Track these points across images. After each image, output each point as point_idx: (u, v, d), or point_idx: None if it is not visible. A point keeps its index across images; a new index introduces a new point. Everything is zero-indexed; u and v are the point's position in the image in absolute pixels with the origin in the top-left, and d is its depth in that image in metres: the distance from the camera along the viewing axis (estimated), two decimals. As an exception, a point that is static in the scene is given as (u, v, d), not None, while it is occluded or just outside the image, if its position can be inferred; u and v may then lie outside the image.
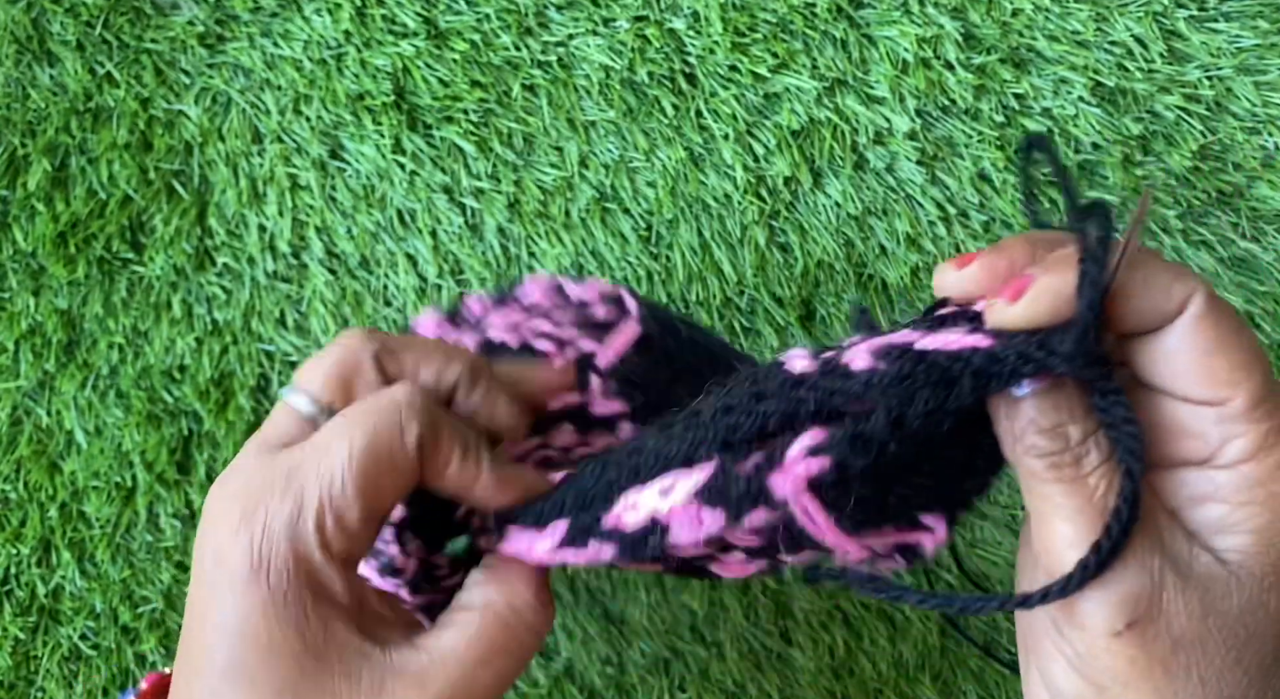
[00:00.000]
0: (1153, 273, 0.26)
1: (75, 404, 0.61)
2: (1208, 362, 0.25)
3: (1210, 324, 0.25)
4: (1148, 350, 0.26)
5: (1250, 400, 0.24)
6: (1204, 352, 0.25)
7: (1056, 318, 0.25)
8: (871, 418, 0.26)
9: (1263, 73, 0.61)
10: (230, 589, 0.27)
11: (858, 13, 0.62)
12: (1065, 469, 0.25)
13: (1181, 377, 0.25)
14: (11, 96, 0.63)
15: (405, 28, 0.63)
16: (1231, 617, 0.24)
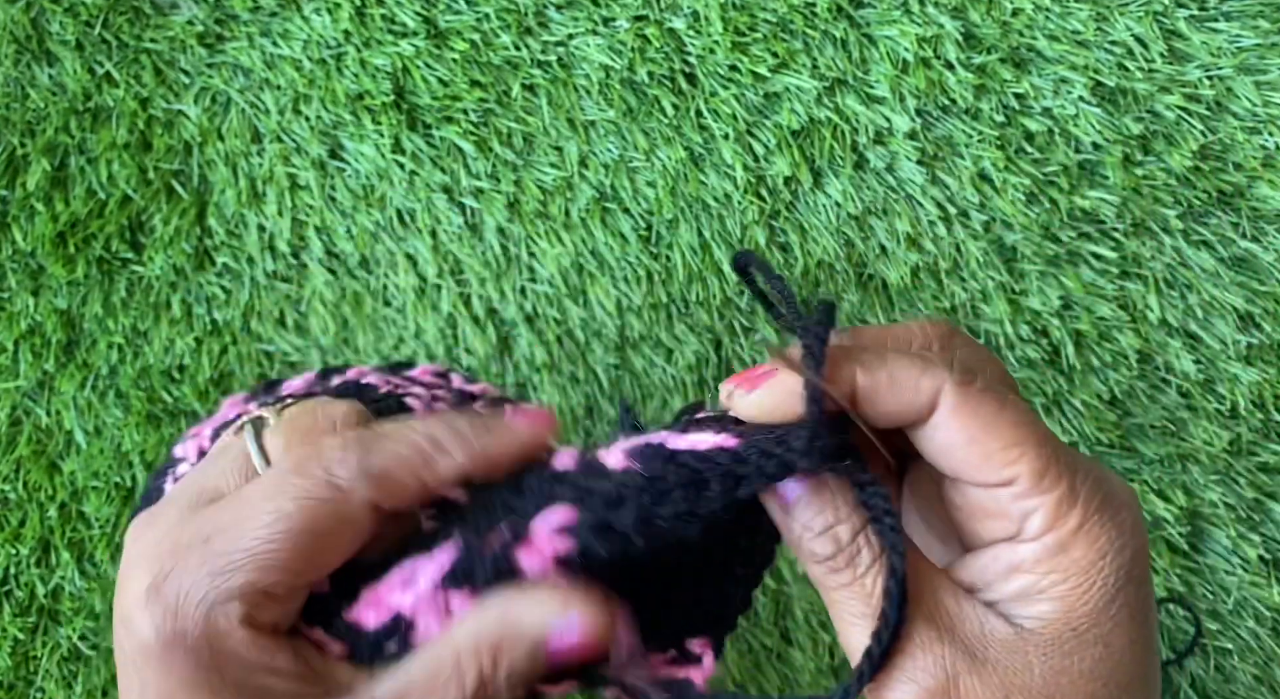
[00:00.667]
0: (898, 370, 0.26)
1: (75, 404, 0.61)
2: (977, 449, 0.25)
3: (965, 414, 0.25)
4: (924, 442, 0.26)
5: (1032, 476, 0.24)
6: (969, 441, 0.25)
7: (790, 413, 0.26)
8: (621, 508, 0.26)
9: (1263, 72, 0.61)
10: (146, 663, 0.24)
11: (858, 12, 0.62)
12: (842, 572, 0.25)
13: (960, 465, 0.26)
14: (11, 96, 0.63)
15: (405, 27, 0.63)
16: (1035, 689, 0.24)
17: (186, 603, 0.24)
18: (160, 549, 0.25)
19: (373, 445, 0.26)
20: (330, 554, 0.26)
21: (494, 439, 0.27)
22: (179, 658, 0.24)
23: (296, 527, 0.25)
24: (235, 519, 0.25)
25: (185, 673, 0.24)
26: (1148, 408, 0.60)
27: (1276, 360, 0.60)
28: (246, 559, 0.25)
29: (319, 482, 0.25)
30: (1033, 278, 0.60)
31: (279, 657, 0.25)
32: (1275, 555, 0.59)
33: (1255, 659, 0.59)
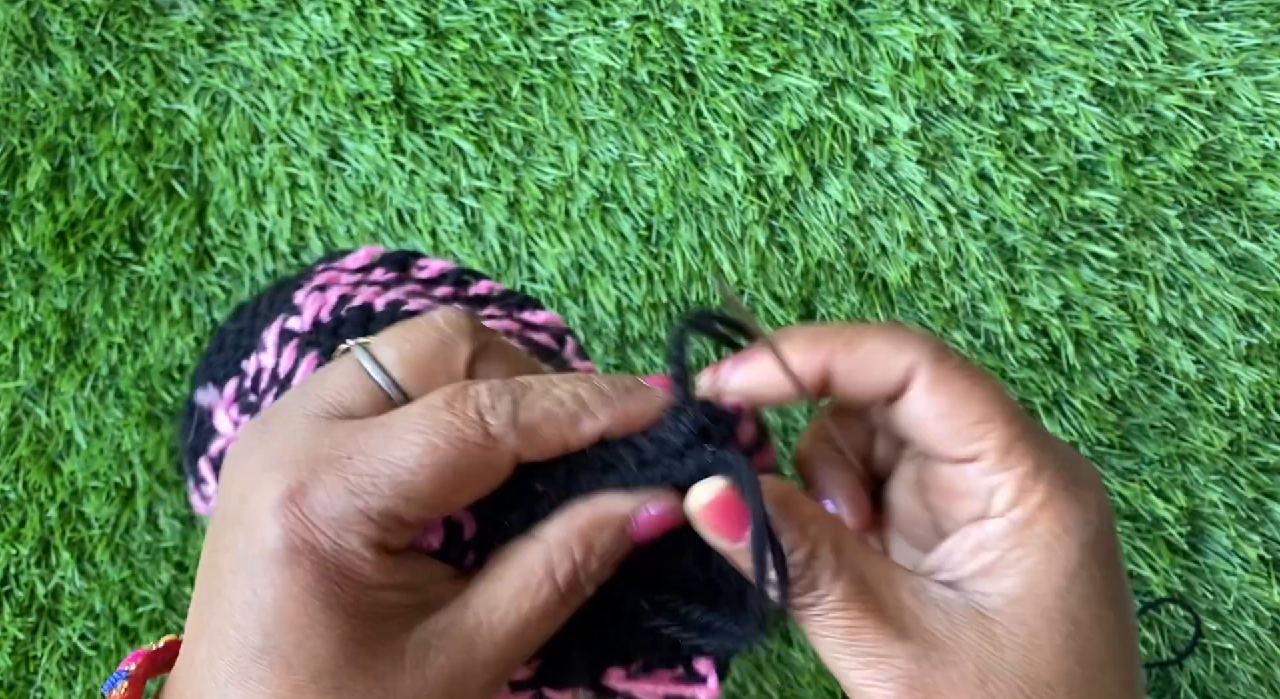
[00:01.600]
0: (872, 350, 0.27)
1: (75, 404, 0.61)
2: (947, 423, 0.26)
3: (939, 388, 0.26)
4: (898, 419, 0.27)
5: (999, 451, 0.25)
6: (940, 415, 0.26)
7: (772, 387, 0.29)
8: None
9: (1263, 72, 0.61)
10: (265, 570, 0.25)
11: (858, 12, 0.62)
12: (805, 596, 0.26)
13: (931, 440, 0.26)
14: (11, 96, 0.63)
15: (405, 27, 0.63)
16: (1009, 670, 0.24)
17: (322, 517, 0.25)
18: (296, 457, 0.25)
19: (523, 398, 0.27)
20: (466, 493, 0.27)
21: (634, 402, 0.28)
22: (305, 567, 0.24)
23: (444, 462, 0.25)
24: (382, 443, 0.25)
25: (308, 582, 0.24)
26: (1148, 408, 0.60)
27: (1276, 360, 0.60)
28: (389, 485, 0.25)
29: (472, 424, 0.26)
30: (1033, 278, 0.60)
31: (398, 574, 0.26)
32: (1275, 555, 0.59)
33: (1255, 659, 0.59)
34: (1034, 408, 0.60)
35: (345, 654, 0.25)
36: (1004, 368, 0.60)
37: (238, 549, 0.25)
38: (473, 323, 0.29)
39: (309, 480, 0.25)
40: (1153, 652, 0.59)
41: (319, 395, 0.27)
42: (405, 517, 0.25)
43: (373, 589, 0.25)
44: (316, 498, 0.25)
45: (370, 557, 0.25)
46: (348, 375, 0.27)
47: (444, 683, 0.26)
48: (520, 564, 0.27)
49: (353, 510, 0.25)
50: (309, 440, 0.26)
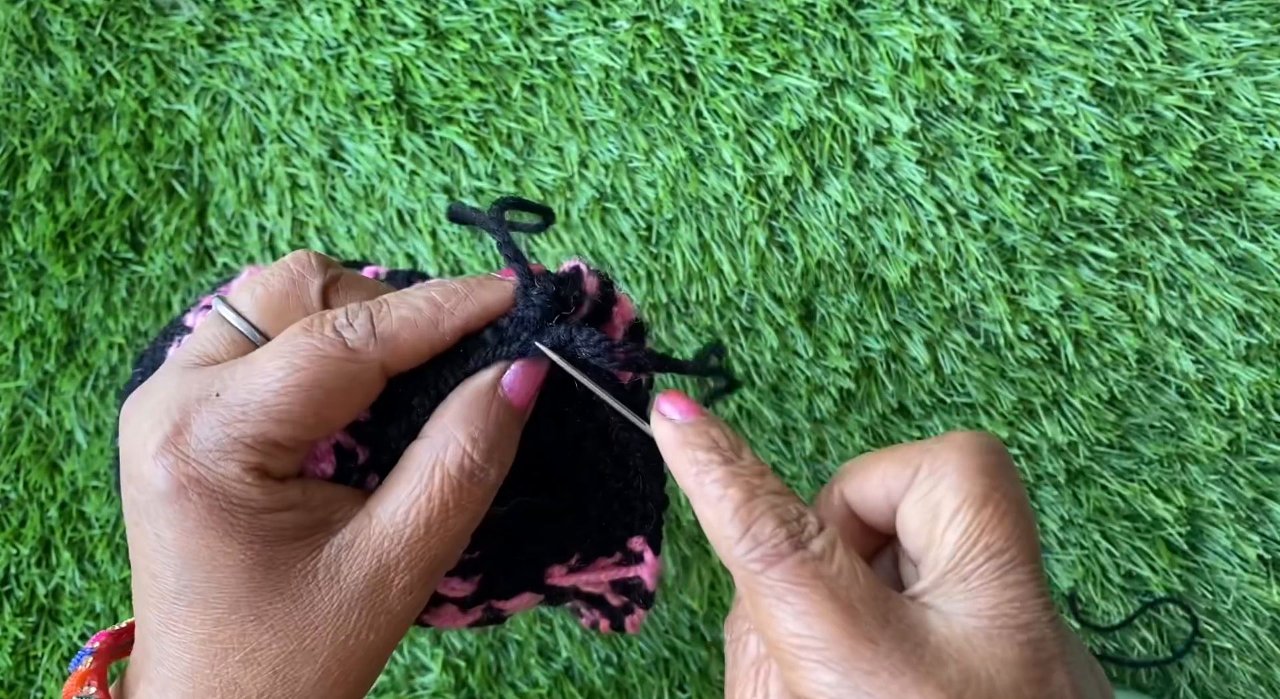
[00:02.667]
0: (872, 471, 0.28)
1: (75, 404, 0.61)
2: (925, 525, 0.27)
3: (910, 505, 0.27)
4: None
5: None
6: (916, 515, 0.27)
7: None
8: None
9: (1263, 73, 0.61)
10: (160, 511, 0.25)
11: (858, 13, 0.62)
12: None
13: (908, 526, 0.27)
14: (11, 96, 0.63)
15: (405, 28, 0.63)
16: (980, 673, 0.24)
17: (200, 451, 0.25)
18: (168, 406, 0.26)
19: (378, 311, 0.27)
20: (340, 410, 0.27)
21: (487, 291, 0.29)
22: (194, 502, 0.25)
23: (308, 381, 0.26)
24: (246, 374, 0.26)
25: (200, 515, 0.25)
26: (1147, 408, 0.60)
27: (1276, 360, 0.60)
28: (258, 411, 0.25)
29: (330, 341, 0.26)
30: (1032, 278, 0.60)
31: (288, 494, 0.26)
32: (1274, 555, 0.59)
33: (1254, 659, 0.59)
34: (1034, 408, 0.60)
35: (256, 580, 0.26)
36: (1004, 368, 0.60)
37: (135, 500, 0.26)
38: (320, 258, 0.29)
39: (181, 421, 0.26)
40: (1152, 651, 0.59)
41: (187, 350, 0.28)
42: (280, 439, 0.26)
43: (265, 513, 0.26)
44: (192, 434, 0.25)
45: (254, 481, 0.26)
46: (210, 327, 0.28)
47: (363, 592, 0.27)
48: (411, 464, 0.28)
49: (227, 440, 0.25)
50: (179, 388, 0.26)
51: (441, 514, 0.27)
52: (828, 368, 0.60)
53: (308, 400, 0.26)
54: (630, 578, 0.34)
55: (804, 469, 0.60)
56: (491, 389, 0.28)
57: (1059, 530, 0.60)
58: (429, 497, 0.27)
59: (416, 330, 0.28)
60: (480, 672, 0.59)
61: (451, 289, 0.29)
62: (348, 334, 0.27)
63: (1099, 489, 0.60)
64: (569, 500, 0.32)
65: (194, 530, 0.25)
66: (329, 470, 0.28)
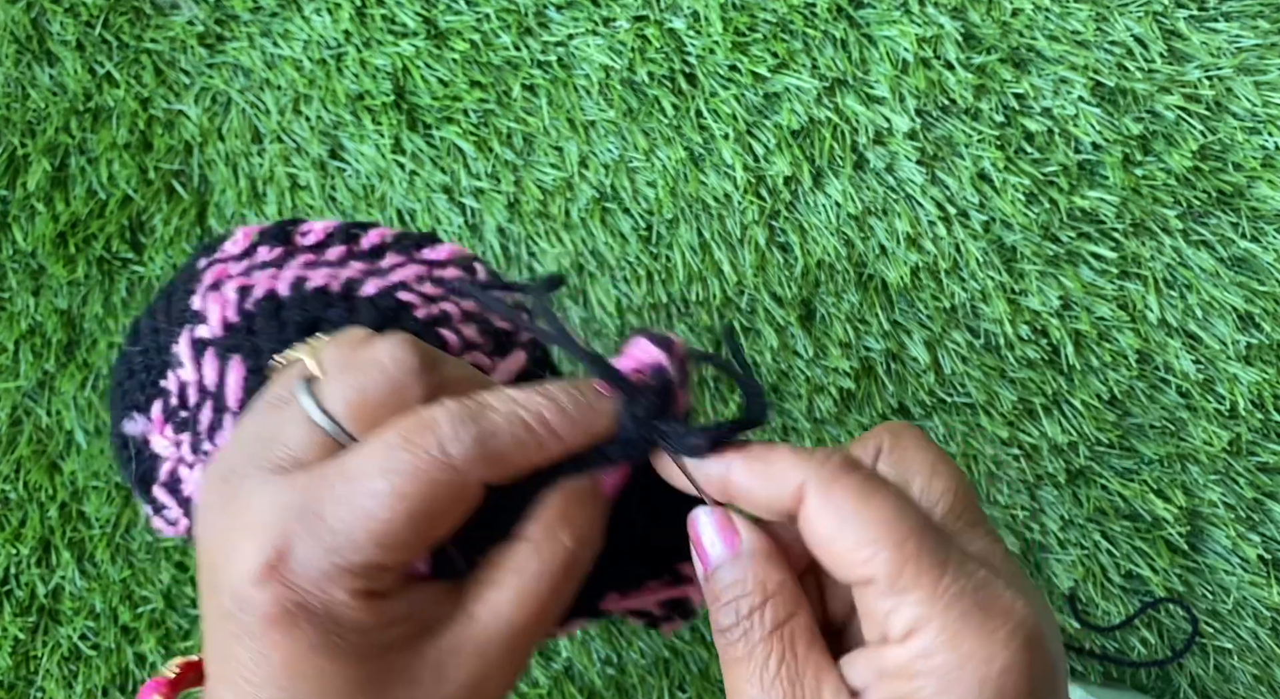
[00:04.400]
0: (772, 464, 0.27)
1: (75, 404, 0.61)
2: (832, 547, 0.25)
3: (824, 510, 0.25)
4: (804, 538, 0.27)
5: (887, 576, 0.24)
6: (825, 538, 0.25)
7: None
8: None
9: (1263, 73, 0.61)
10: (265, 635, 0.25)
11: (858, 12, 0.62)
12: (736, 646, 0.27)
13: (823, 561, 0.26)
14: (11, 96, 0.63)
15: (405, 28, 0.63)
16: None
17: (306, 579, 0.25)
18: (265, 522, 0.25)
19: (483, 421, 0.26)
20: (442, 528, 0.26)
21: (596, 418, 0.28)
22: (304, 629, 0.25)
23: (414, 506, 0.25)
24: (347, 494, 0.25)
25: (311, 640, 0.25)
26: (1147, 408, 0.60)
27: (1276, 360, 0.60)
28: (363, 537, 0.25)
29: (434, 461, 0.25)
30: (1032, 278, 0.60)
31: (395, 611, 0.26)
32: (1275, 555, 0.59)
33: (1254, 659, 0.59)
34: (1034, 408, 0.60)
35: (364, 694, 0.25)
36: (1004, 368, 0.60)
37: (235, 618, 0.25)
38: (421, 358, 0.27)
39: (284, 546, 0.25)
40: (1152, 651, 0.59)
41: (271, 452, 0.27)
42: (386, 563, 0.25)
43: (373, 631, 0.25)
44: (296, 562, 0.25)
45: (361, 605, 0.25)
46: (297, 427, 0.27)
47: (468, 689, 0.26)
48: (514, 567, 0.27)
49: (333, 568, 0.25)
50: (273, 503, 0.25)
51: (543, 614, 0.27)
52: (828, 368, 0.60)
53: (413, 523, 0.25)
54: (678, 597, 0.34)
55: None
56: (595, 491, 0.28)
57: (1059, 530, 0.60)
58: (536, 601, 0.27)
59: (524, 452, 0.27)
60: (480, 672, 0.59)
61: (562, 410, 0.27)
62: (453, 450, 0.25)
63: (1099, 489, 0.60)
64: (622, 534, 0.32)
65: (305, 654, 0.25)
66: (424, 569, 0.28)
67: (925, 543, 0.25)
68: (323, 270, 0.35)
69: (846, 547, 0.25)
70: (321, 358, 0.28)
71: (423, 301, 0.35)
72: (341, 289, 0.34)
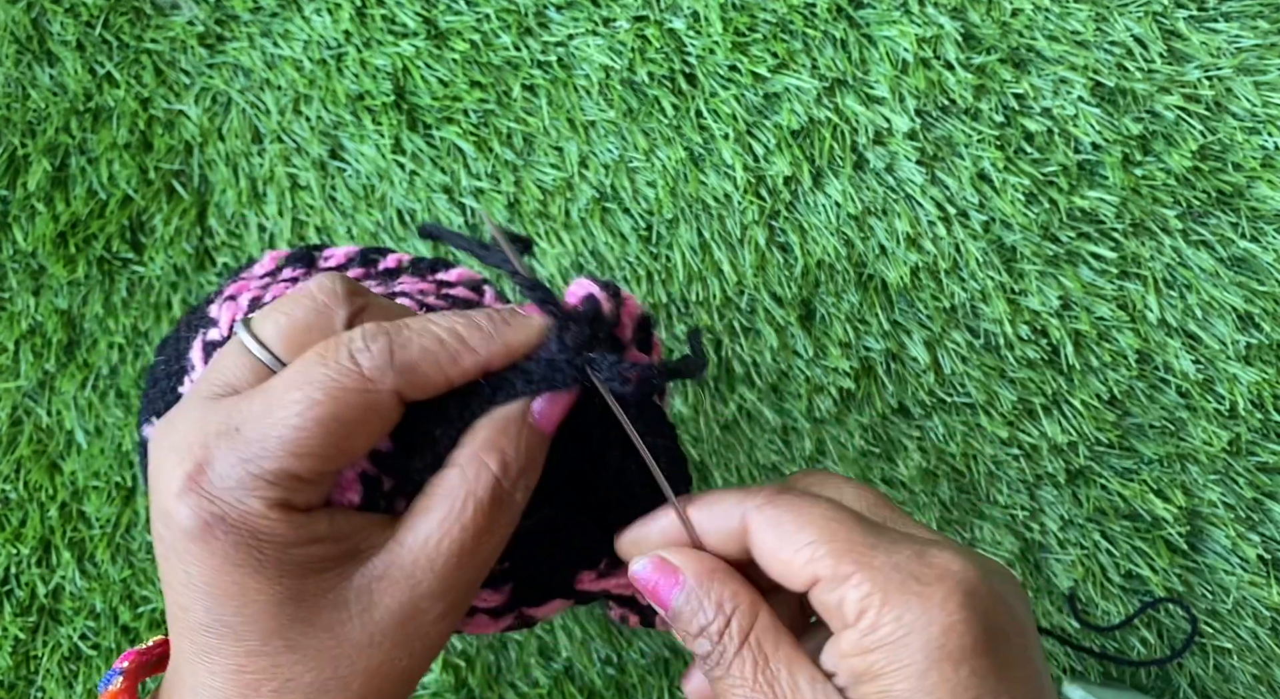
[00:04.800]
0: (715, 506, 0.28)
1: (75, 404, 0.61)
2: (778, 559, 0.27)
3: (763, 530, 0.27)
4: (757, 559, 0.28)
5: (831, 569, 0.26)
6: (771, 552, 0.27)
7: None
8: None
9: (1262, 73, 0.61)
10: (187, 549, 0.25)
11: (858, 13, 0.62)
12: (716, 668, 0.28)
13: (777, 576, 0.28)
14: (12, 96, 0.63)
15: (405, 28, 0.63)
16: None
17: (222, 489, 0.25)
18: (189, 441, 0.26)
19: (398, 338, 0.27)
20: (359, 440, 0.27)
21: (512, 331, 0.29)
22: (220, 540, 0.25)
23: (325, 414, 0.25)
24: (264, 408, 0.26)
25: (227, 553, 0.25)
26: (1147, 408, 0.60)
27: (1276, 360, 0.60)
28: (277, 446, 0.25)
29: (346, 371, 0.26)
30: (1032, 278, 0.60)
31: (315, 528, 0.26)
32: (1274, 555, 0.59)
33: (1254, 658, 0.59)
34: (1034, 408, 0.60)
35: (287, 613, 0.26)
36: (1003, 368, 0.60)
37: (162, 536, 0.26)
38: (347, 285, 0.29)
39: (203, 457, 0.26)
40: (1152, 651, 0.60)
41: (209, 380, 0.28)
42: (301, 473, 0.26)
43: (293, 547, 0.26)
44: (214, 472, 0.25)
45: (279, 516, 0.26)
46: (232, 355, 0.28)
47: (395, 622, 0.27)
48: (441, 491, 0.27)
49: (248, 476, 0.25)
50: (199, 421, 0.26)
51: (474, 541, 0.27)
52: (828, 368, 0.60)
53: (326, 433, 0.26)
54: None
55: (804, 469, 0.60)
56: (522, 417, 0.28)
57: (1059, 530, 0.60)
58: (462, 525, 0.27)
59: (436, 364, 0.27)
60: (480, 671, 0.59)
61: (476, 324, 0.28)
62: (364, 361, 0.26)
63: (1099, 489, 0.60)
64: (595, 510, 0.32)
65: (222, 567, 0.25)
66: (356, 499, 0.28)
67: (856, 531, 0.26)
68: None
69: (789, 556, 0.26)
70: None
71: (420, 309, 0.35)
72: None
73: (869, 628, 0.25)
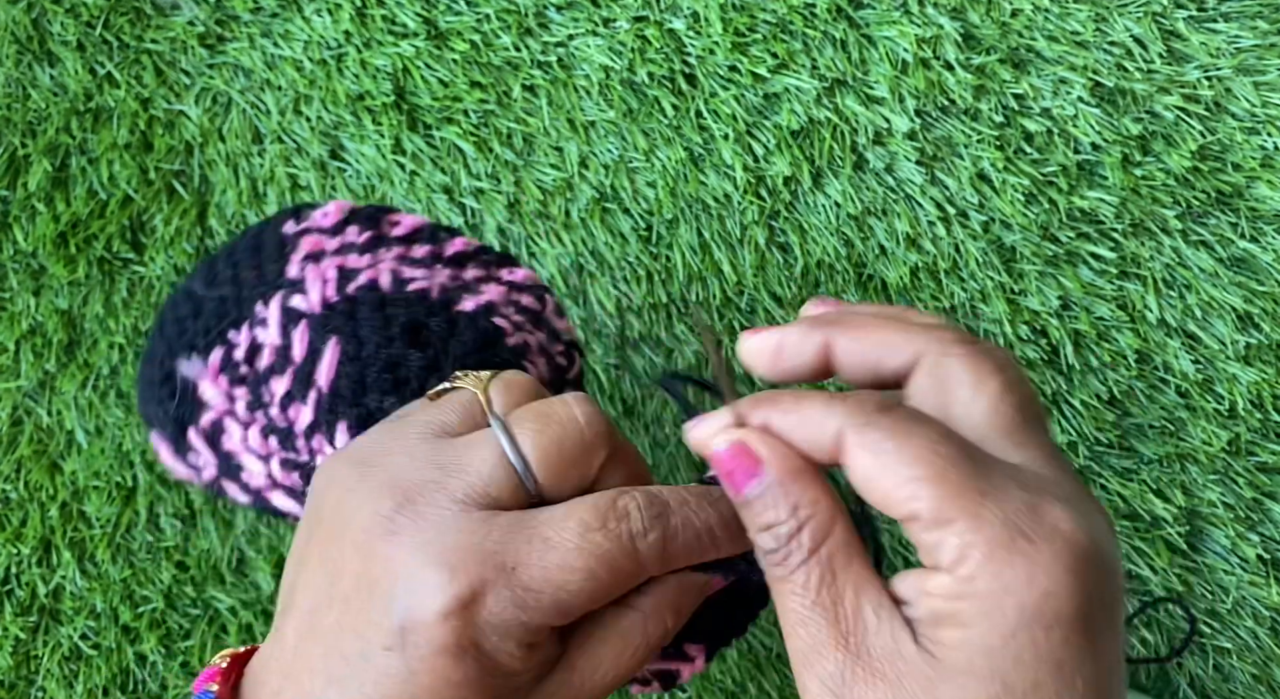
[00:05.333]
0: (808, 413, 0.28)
1: (76, 404, 0.61)
2: (875, 488, 0.26)
3: (861, 455, 0.26)
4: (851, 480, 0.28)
5: (931, 511, 0.25)
6: (867, 480, 0.26)
7: None
8: None
9: (1262, 73, 0.61)
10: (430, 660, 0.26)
11: (857, 13, 0.62)
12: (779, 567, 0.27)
13: (875, 503, 0.27)
14: (12, 97, 0.64)
15: (405, 28, 0.63)
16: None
17: (489, 626, 0.27)
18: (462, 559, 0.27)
19: (668, 522, 0.29)
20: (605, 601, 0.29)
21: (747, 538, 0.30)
22: (469, 665, 0.27)
23: (598, 587, 0.27)
24: (542, 557, 0.27)
25: (469, 675, 0.27)
26: (1146, 408, 0.60)
27: (1275, 360, 0.60)
28: (550, 603, 0.27)
29: (628, 552, 0.28)
30: (1032, 278, 0.60)
31: (537, 661, 0.28)
32: (1274, 555, 0.59)
33: (1254, 658, 0.59)
34: (1033, 408, 0.60)
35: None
36: (1003, 368, 0.60)
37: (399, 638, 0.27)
38: (608, 425, 0.30)
39: (479, 589, 0.27)
40: (1151, 650, 0.60)
41: (462, 481, 0.28)
42: (555, 625, 0.28)
43: (520, 674, 0.28)
44: (486, 608, 0.27)
45: (522, 655, 0.27)
46: (490, 461, 0.28)
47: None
48: (619, 631, 0.29)
49: (516, 624, 0.27)
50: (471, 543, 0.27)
51: (628, 676, 0.30)
52: (827, 368, 0.60)
53: (591, 601, 0.28)
54: (671, 669, 0.35)
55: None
56: (705, 590, 0.31)
57: (1058, 530, 0.60)
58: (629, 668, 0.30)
59: (690, 558, 0.29)
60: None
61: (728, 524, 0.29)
62: (642, 547, 0.28)
63: (1098, 489, 0.60)
64: None
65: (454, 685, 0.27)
66: None
67: (965, 472, 0.25)
68: (419, 270, 0.36)
69: (888, 487, 0.25)
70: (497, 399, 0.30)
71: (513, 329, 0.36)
72: (439, 296, 0.35)
73: (965, 578, 0.24)
